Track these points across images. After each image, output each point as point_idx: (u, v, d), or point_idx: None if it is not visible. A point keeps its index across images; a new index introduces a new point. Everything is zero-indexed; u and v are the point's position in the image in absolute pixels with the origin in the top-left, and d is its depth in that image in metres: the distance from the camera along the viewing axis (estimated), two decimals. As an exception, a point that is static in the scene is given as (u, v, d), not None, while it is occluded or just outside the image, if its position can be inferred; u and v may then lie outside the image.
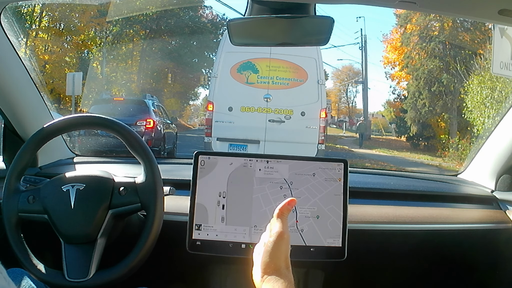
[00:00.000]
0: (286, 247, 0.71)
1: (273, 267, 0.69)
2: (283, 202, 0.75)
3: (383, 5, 0.85)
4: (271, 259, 0.70)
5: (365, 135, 16.65)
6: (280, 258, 0.70)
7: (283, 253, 0.71)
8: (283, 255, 0.71)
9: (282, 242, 0.71)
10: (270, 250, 0.70)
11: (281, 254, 0.70)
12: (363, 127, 16.92)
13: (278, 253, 0.70)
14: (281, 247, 0.70)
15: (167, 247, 1.07)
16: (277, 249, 0.70)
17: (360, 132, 16.57)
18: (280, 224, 0.72)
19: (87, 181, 0.97)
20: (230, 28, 0.90)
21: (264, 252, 0.71)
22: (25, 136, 1.27)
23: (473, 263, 1.34)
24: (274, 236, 0.71)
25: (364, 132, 16.76)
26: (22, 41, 10.97)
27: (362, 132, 16.49)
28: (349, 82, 28.23)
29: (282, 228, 0.72)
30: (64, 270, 0.92)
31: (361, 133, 16.49)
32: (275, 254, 0.70)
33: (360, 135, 16.45)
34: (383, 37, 20.13)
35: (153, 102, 8.02)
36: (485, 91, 7.65)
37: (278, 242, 0.70)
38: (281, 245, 0.70)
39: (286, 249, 0.71)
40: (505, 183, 1.34)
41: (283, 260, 0.70)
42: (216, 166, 1.07)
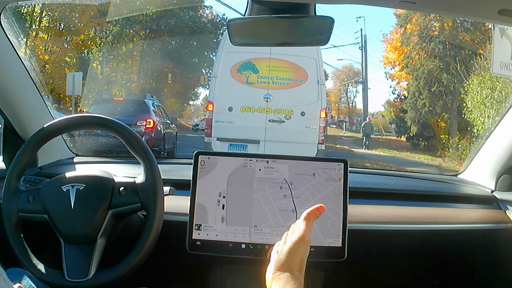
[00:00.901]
0: (304, 250, 0.72)
1: (287, 267, 0.70)
2: (313, 207, 0.77)
3: (383, 5, 0.85)
4: (287, 259, 0.71)
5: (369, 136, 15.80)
6: (295, 260, 0.71)
7: (299, 255, 0.71)
8: (299, 257, 0.71)
9: (302, 244, 0.72)
10: (288, 249, 0.71)
11: (297, 256, 0.71)
12: (369, 127, 15.90)
13: (294, 254, 0.71)
14: (299, 249, 0.71)
15: (167, 247, 1.07)
16: (295, 250, 0.71)
17: (366, 132, 15.63)
18: (304, 227, 0.73)
19: (87, 181, 0.97)
20: (230, 28, 0.90)
21: (282, 251, 0.72)
22: (25, 136, 1.27)
23: (473, 263, 1.34)
24: (295, 236, 0.72)
25: (370, 132, 15.93)
26: (22, 41, 10.96)
27: (368, 133, 15.65)
28: (349, 82, 28.25)
29: (305, 231, 0.73)
30: (64, 270, 0.92)
31: (366, 133, 15.62)
32: (292, 255, 0.71)
33: (365, 135, 15.57)
34: (383, 37, 20.16)
35: (153, 102, 8.02)
36: (485, 91, 7.65)
37: (298, 243, 0.71)
38: (300, 247, 0.71)
39: (304, 253, 0.72)
40: (505, 183, 1.34)
41: (298, 262, 0.71)
42: (216, 166, 1.07)
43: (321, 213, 0.77)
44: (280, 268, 0.70)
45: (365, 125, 15.83)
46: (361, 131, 16.71)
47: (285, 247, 0.72)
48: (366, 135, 15.48)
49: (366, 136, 15.43)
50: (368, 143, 15.06)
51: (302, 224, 0.74)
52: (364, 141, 15.32)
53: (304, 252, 0.72)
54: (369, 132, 15.66)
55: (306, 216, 0.75)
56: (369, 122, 16.24)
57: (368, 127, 15.73)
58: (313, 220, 0.76)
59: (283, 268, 0.70)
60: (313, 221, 0.76)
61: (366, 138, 15.37)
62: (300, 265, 0.72)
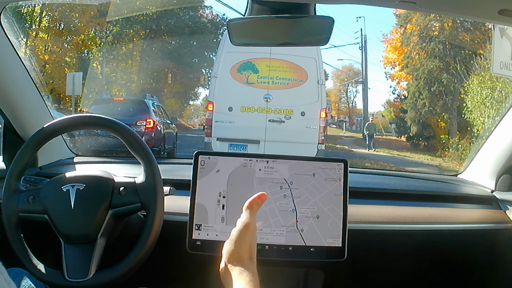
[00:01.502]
0: (251, 237, 0.72)
1: (236, 257, 0.71)
2: (254, 196, 0.77)
3: (383, 5, 0.85)
4: (235, 248, 0.71)
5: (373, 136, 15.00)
6: (243, 248, 0.71)
7: (247, 243, 0.72)
8: (247, 245, 0.72)
9: (247, 232, 0.72)
10: (235, 239, 0.72)
11: (244, 244, 0.71)
12: (372, 127, 15.15)
13: (242, 242, 0.71)
14: (245, 237, 0.72)
15: (167, 247, 1.07)
16: (241, 238, 0.72)
17: (369, 133, 14.85)
18: (248, 216, 0.74)
19: (87, 181, 0.97)
20: (230, 28, 0.90)
21: (229, 241, 0.73)
22: (25, 136, 1.27)
23: (473, 263, 1.34)
24: (239, 225, 0.73)
25: (373, 133, 15.15)
26: (22, 41, 10.98)
27: (371, 134, 14.89)
28: (349, 82, 28.24)
29: (249, 220, 0.73)
30: (64, 270, 0.92)
31: (369, 134, 14.84)
32: (239, 244, 0.71)
33: (369, 136, 14.79)
34: (383, 37, 20.13)
35: (153, 102, 8.02)
36: (485, 91, 7.65)
37: (243, 232, 0.72)
38: (245, 235, 0.72)
39: (251, 240, 0.72)
40: (505, 183, 1.34)
41: (247, 250, 0.71)
42: (216, 166, 1.07)
43: (263, 201, 0.77)
44: (230, 259, 0.71)
45: (368, 125, 15.26)
46: (363, 132, 16.03)
47: (232, 237, 0.73)
48: (370, 136, 14.84)
49: (369, 137, 14.79)
50: (372, 144, 14.49)
51: (245, 213, 0.75)
52: (367, 142, 14.72)
53: (252, 240, 0.73)
54: (372, 132, 15.05)
55: (249, 205, 0.76)
56: (372, 122, 15.68)
57: (371, 127, 15.15)
58: (256, 209, 0.76)
59: (233, 258, 0.71)
60: (256, 210, 0.76)
61: (369, 139, 14.74)
62: (250, 253, 0.72)
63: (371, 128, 14.97)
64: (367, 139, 14.79)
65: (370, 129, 14.92)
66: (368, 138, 14.77)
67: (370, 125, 15.12)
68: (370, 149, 14.10)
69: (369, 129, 14.93)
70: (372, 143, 14.46)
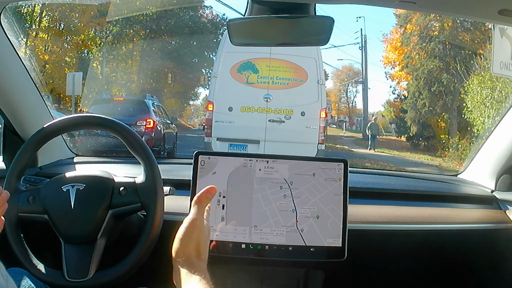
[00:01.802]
0: (198, 234, 0.69)
1: (182, 255, 0.68)
2: (203, 190, 0.74)
3: (383, 5, 0.85)
4: (180, 247, 0.68)
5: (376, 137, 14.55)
6: (189, 246, 0.68)
7: (193, 240, 0.69)
8: (194, 243, 0.69)
9: (193, 229, 0.69)
10: (180, 237, 0.69)
11: (190, 242, 0.69)
12: (375, 127, 14.57)
13: (187, 240, 0.69)
14: (192, 234, 0.69)
15: (167, 247, 1.07)
16: (187, 236, 0.69)
17: (372, 133, 14.34)
18: (195, 211, 0.71)
19: (87, 181, 0.97)
20: (230, 28, 0.90)
21: (176, 239, 0.69)
22: (25, 136, 1.27)
23: (473, 263, 1.34)
24: (186, 222, 0.70)
25: (376, 133, 14.66)
26: (22, 41, 10.98)
27: (374, 134, 14.38)
28: (349, 82, 28.25)
29: (196, 215, 0.71)
30: (64, 270, 0.92)
31: (372, 134, 14.33)
32: (185, 242, 0.69)
33: (371, 136, 14.29)
34: (383, 37, 20.15)
35: (153, 102, 8.02)
36: (485, 91, 7.66)
37: (189, 229, 0.69)
38: (192, 232, 0.69)
39: (199, 237, 0.69)
40: (505, 183, 1.34)
41: (194, 248, 0.69)
42: (216, 166, 1.07)
43: (213, 195, 0.74)
44: (177, 258, 0.68)
45: (370, 125, 14.70)
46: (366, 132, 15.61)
47: (178, 234, 0.69)
48: (372, 136, 14.31)
49: (372, 137, 14.29)
50: (374, 145, 14.07)
51: (193, 208, 0.72)
52: (369, 142, 14.28)
53: (199, 237, 0.69)
54: (375, 133, 14.49)
55: (197, 200, 0.73)
56: (375, 122, 15.02)
57: (374, 127, 14.55)
58: (205, 203, 0.73)
59: (179, 256, 0.68)
60: (205, 204, 0.73)
61: (372, 139, 14.25)
62: (197, 251, 0.69)
63: (373, 128, 14.51)
64: (370, 139, 14.38)
65: (372, 129, 14.46)
66: (371, 138, 14.34)
67: (373, 125, 14.63)
68: (372, 149, 13.78)
69: (371, 129, 14.49)
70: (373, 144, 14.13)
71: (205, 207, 0.74)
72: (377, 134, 14.93)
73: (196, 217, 0.71)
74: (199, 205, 0.73)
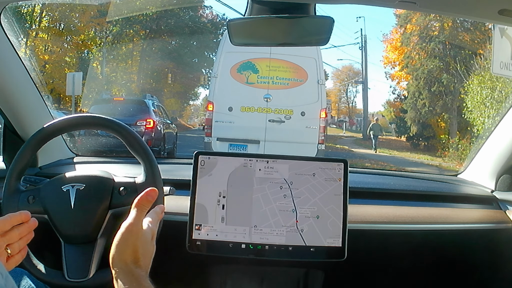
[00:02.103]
0: (134, 240, 0.67)
1: (118, 262, 0.66)
2: (143, 192, 0.71)
3: (383, 5, 0.85)
4: (117, 253, 0.66)
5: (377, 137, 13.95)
6: (125, 252, 0.66)
7: (129, 246, 0.66)
8: (130, 249, 0.66)
9: (130, 235, 0.67)
10: (116, 242, 0.66)
11: (126, 248, 0.66)
12: (377, 128, 13.99)
13: (123, 246, 0.66)
14: (127, 240, 0.66)
15: (167, 247, 1.07)
16: (123, 242, 0.66)
17: (374, 134, 13.70)
18: (132, 216, 0.69)
19: (87, 181, 0.97)
20: (230, 28, 0.90)
21: (112, 246, 0.67)
22: (25, 136, 1.27)
23: (473, 263, 1.34)
24: (122, 227, 0.68)
25: (378, 134, 14.03)
26: (22, 41, 10.98)
27: (376, 134, 13.75)
28: (349, 82, 28.24)
29: (133, 220, 0.68)
30: (64, 270, 0.92)
31: (374, 135, 13.68)
32: (120, 248, 0.66)
33: (374, 137, 13.66)
34: (383, 37, 20.13)
35: (153, 102, 8.02)
36: (485, 91, 7.66)
37: (125, 234, 0.67)
38: (128, 238, 0.66)
39: (135, 243, 0.66)
40: (505, 183, 1.34)
41: (130, 254, 0.66)
42: (216, 166, 1.07)
43: (154, 197, 0.71)
44: (114, 266, 0.66)
45: (372, 125, 14.17)
46: (368, 132, 14.96)
47: (114, 241, 0.67)
48: (374, 137, 13.66)
49: (374, 138, 13.64)
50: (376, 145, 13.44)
51: (131, 212, 0.69)
52: (373, 143, 13.63)
53: (135, 242, 0.66)
54: (377, 133, 13.89)
55: (136, 204, 0.70)
56: (377, 123, 14.53)
57: (377, 128, 13.99)
58: (146, 207, 0.70)
59: (116, 264, 0.66)
60: (145, 209, 0.70)
61: (374, 140, 13.60)
62: (134, 257, 0.66)
63: (376, 129, 13.96)
64: (372, 140, 13.79)
65: (375, 129, 13.92)
66: (373, 139, 13.74)
67: (375, 126, 14.12)
68: (375, 150, 13.28)
69: (373, 129, 13.95)
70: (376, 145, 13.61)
71: (145, 211, 0.71)
72: (380, 135, 14.41)
73: (133, 221, 0.68)
74: (138, 209, 0.70)
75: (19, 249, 0.73)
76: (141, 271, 0.66)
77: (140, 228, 0.69)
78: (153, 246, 0.72)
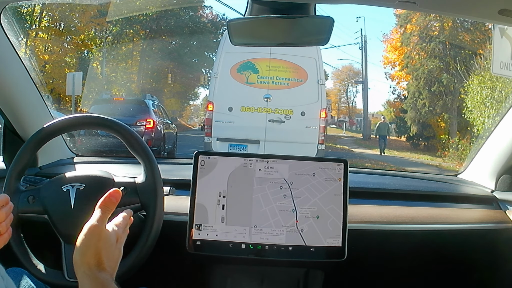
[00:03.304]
0: (97, 242, 0.64)
1: (81, 265, 0.63)
2: (106, 194, 0.69)
3: (383, 5, 0.85)
4: (79, 255, 0.63)
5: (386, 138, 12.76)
6: (87, 255, 0.63)
7: (91, 248, 0.63)
8: (92, 251, 0.63)
9: (92, 235, 0.64)
10: (79, 246, 0.63)
11: (88, 250, 0.63)
12: (385, 128, 12.77)
13: (85, 248, 0.63)
14: (89, 241, 0.63)
15: (167, 247, 1.07)
16: (85, 244, 0.63)
17: (381, 134, 12.55)
18: (95, 217, 0.66)
19: (87, 181, 0.97)
20: (230, 28, 0.90)
21: (75, 249, 0.64)
22: (25, 136, 1.27)
23: (473, 263, 1.34)
24: (84, 229, 0.65)
25: (386, 134, 12.77)
26: (22, 41, 10.97)
27: (384, 135, 12.56)
28: (349, 82, 28.23)
29: (96, 221, 0.65)
30: (64, 270, 0.92)
31: (382, 135, 12.53)
32: (82, 250, 0.63)
33: (381, 138, 12.50)
34: (383, 37, 20.11)
35: (153, 102, 8.02)
36: (485, 91, 7.66)
37: (87, 236, 0.64)
38: (90, 239, 0.64)
39: (97, 245, 0.64)
40: (505, 183, 1.34)
41: (92, 256, 0.63)
42: (216, 166, 1.07)
43: (118, 198, 0.69)
44: (77, 269, 0.63)
45: (380, 125, 13.03)
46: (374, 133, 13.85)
47: (77, 244, 0.64)
48: (382, 138, 12.49)
49: (382, 139, 12.49)
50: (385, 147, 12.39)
51: (95, 213, 0.66)
52: (379, 144, 12.54)
53: (98, 244, 0.63)
54: (385, 133, 12.67)
55: (100, 205, 0.67)
56: (384, 122, 13.35)
57: (384, 127, 12.78)
58: (109, 208, 0.68)
59: (78, 266, 0.63)
60: (110, 210, 0.68)
61: (382, 140, 12.47)
62: (97, 260, 0.63)
63: (383, 129, 12.76)
64: (379, 141, 12.69)
65: (382, 129, 12.74)
66: (380, 140, 12.62)
67: (383, 125, 12.95)
68: (382, 152, 12.26)
69: (381, 129, 12.79)
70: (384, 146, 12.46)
71: (108, 213, 0.68)
72: (387, 135, 13.21)
73: (96, 223, 0.65)
74: (102, 210, 0.67)
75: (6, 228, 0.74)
76: (105, 275, 0.63)
77: (103, 230, 0.66)
78: (119, 250, 0.70)
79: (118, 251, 0.69)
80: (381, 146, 12.51)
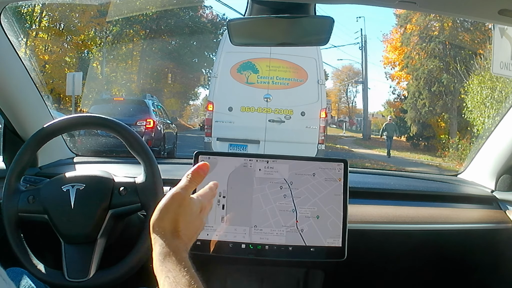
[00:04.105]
0: (176, 207, 0.65)
1: (157, 228, 0.64)
2: (195, 166, 0.70)
3: (383, 5, 0.85)
4: (157, 219, 0.64)
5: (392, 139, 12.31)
6: (165, 219, 0.64)
7: (170, 213, 0.64)
8: (170, 216, 0.64)
9: (173, 201, 0.65)
10: (159, 208, 0.65)
11: (167, 214, 0.64)
12: (392, 128, 12.21)
13: (164, 212, 0.64)
14: (170, 206, 0.65)
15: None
16: (165, 208, 0.65)
17: (389, 135, 12.02)
18: (181, 184, 0.67)
19: (87, 181, 0.97)
20: (230, 28, 0.90)
21: (155, 211, 0.66)
22: (25, 136, 1.27)
23: (473, 263, 1.34)
24: (167, 195, 0.66)
25: (393, 135, 12.33)
26: (22, 41, 10.97)
27: (391, 136, 12.08)
28: (349, 82, 28.22)
29: (180, 189, 0.66)
30: (64, 270, 0.92)
31: (388, 136, 12.02)
32: (162, 214, 0.64)
33: (388, 138, 12.02)
34: (383, 37, 20.12)
35: (153, 102, 8.02)
36: (485, 91, 7.67)
37: (169, 201, 0.65)
38: (170, 204, 0.65)
39: (176, 211, 0.64)
40: (505, 183, 1.34)
41: (170, 222, 0.64)
42: (216, 166, 1.07)
43: (205, 172, 0.70)
44: (153, 231, 0.64)
45: (386, 126, 12.45)
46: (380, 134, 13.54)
47: (158, 206, 0.65)
48: (389, 139, 12.00)
49: (388, 140, 12.01)
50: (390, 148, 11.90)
51: (182, 180, 0.67)
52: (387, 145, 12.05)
53: (177, 210, 0.64)
54: (392, 134, 12.18)
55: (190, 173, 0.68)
56: (390, 122, 12.67)
57: (391, 128, 12.23)
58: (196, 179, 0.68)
59: (154, 229, 0.64)
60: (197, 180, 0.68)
61: (388, 142, 12.00)
62: (174, 226, 0.64)
63: (390, 129, 12.22)
64: (386, 142, 12.22)
65: (389, 130, 12.20)
66: (387, 141, 12.13)
67: (390, 126, 12.39)
68: (388, 154, 11.77)
69: (388, 130, 12.24)
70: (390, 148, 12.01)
71: (195, 183, 0.69)
72: (394, 136, 12.81)
73: (179, 190, 0.66)
74: (189, 179, 0.68)
75: None
76: (178, 243, 0.63)
77: (186, 198, 0.66)
78: (201, 221, 0.69)
79: (199, 221, 0.69)
80: (389, 147, 12.13)
